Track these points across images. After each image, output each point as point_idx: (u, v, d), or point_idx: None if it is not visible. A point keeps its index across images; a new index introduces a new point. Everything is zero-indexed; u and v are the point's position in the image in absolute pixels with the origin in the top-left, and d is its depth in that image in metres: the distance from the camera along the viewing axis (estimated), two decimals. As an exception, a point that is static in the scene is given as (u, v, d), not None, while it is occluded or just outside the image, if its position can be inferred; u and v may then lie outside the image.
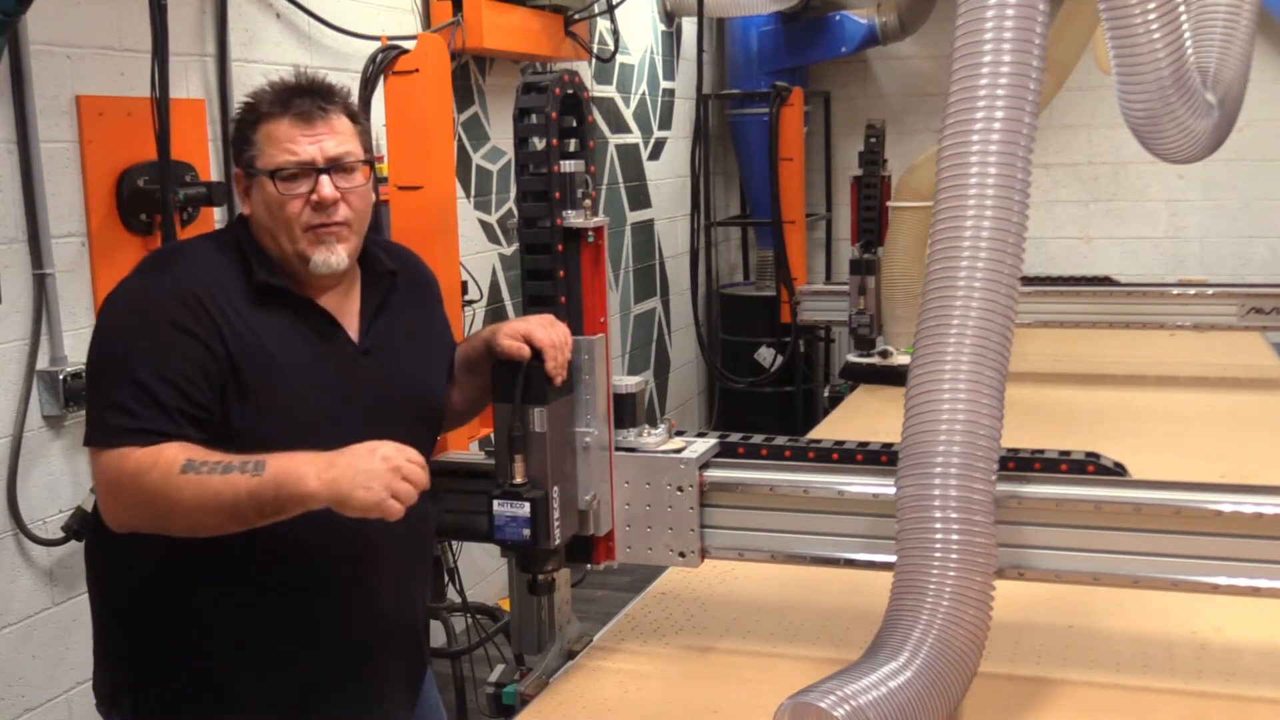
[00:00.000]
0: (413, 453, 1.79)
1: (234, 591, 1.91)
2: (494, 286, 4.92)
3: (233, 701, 1.96)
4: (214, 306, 1.86)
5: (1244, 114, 2.62)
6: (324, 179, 1.91)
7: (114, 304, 1.91)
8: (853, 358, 4.77)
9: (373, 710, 2.08)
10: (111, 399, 1.81)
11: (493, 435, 2.10)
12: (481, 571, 4.73)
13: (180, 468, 1.75)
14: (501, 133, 4.88)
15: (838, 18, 6.85)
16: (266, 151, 1.91)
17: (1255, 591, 1.99)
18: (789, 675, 2.03)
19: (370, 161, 2.00)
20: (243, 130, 1.95)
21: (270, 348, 1.89)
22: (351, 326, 2.02)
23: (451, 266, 3.72)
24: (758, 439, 2.40)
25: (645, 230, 6.39)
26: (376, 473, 1.74)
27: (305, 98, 1.93)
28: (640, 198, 6.32)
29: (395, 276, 2.09)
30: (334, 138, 1.93)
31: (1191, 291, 4.85)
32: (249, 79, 3.53)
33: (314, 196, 1.90)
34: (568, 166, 2.08)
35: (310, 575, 1.94)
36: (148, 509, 1.78)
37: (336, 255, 1.94)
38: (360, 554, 1.97)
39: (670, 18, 6.60)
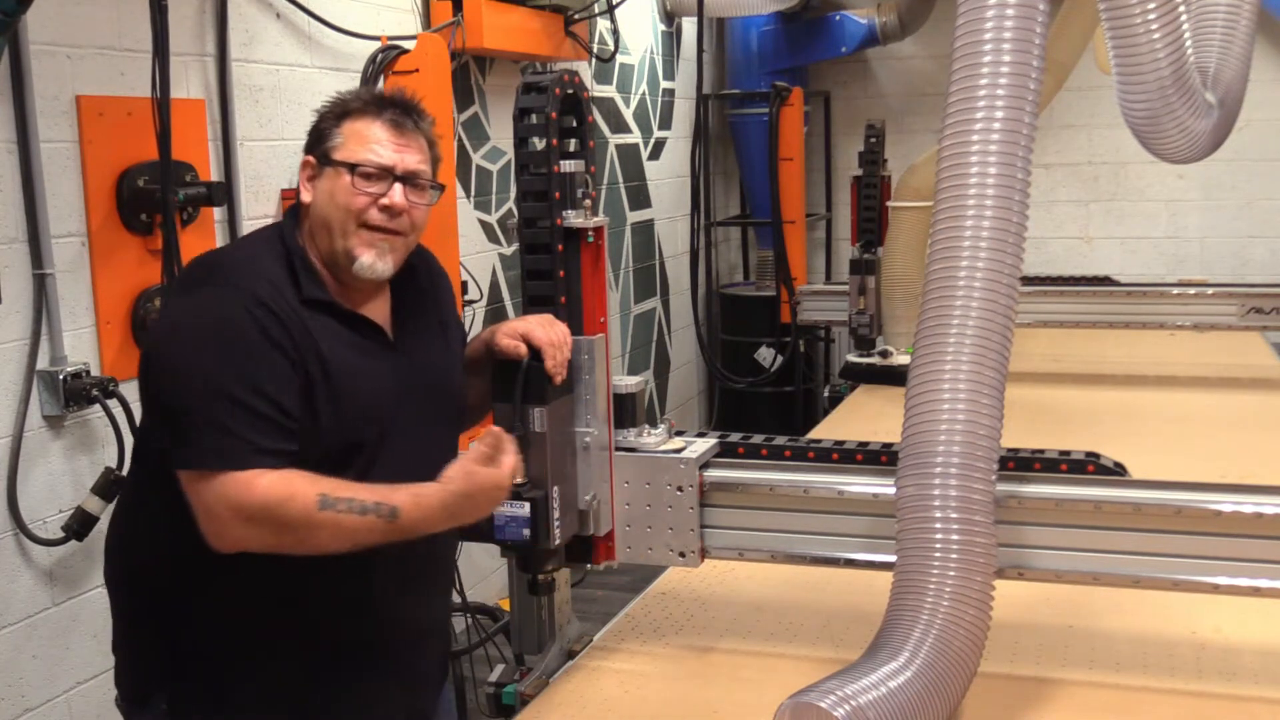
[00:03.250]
0: (508, 470, 1.91)
1: (256, 591, 1.91)
2: (494, 286, 4.92)
3: (252, 699, 1.95)
4: (282, 313, 1.86)
5: (1244, 114, 2.62)
6: (398, 186, 1.94)
7: (186, 319, 1.88)
8: (853, 358, 4.77)
9: (410, 709, 2.10)
10: (213, 419, 1.79)
11: (493, 435, 2.10)
12: (481, 571, 4.73)
13: (317, 503, 1.78)
14: (501, 133, 4.88)
15: (838, 18, 6.85)
16: (350, 145, 1.94)
17: (1255, 591, 1.99)
18: (789, 675, 2.03)
19: (440, 188, 2.02)
20: (326, 121, 1.97)
21: (327, 351, 1.90)
22: (385, 325, 2.03)
23: (451, 266, 3.73)
24: (758, 439, 2.40)
25: (645, 230, 6.39)
26: (491, 504, 1.92)
27: (400, 110, 1.97)
28: (640, 198, 6.32)
29: (416, 273, 2.10)
30: (418, 154, 1.97)
31: (1191, 291, 4.85)
32: (249, 79, 3.53)
33: (384, 200, 1.93)
34: (568, 166, 2.08)
35: (361, 570, 1.94)
36: (279, 537, 1.80)
37: (384, 263, 1.95)
38: (403, 558, 1.97)
39: (670, 18, 6.60)
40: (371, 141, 1.93)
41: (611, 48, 5.64)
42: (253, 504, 1.77)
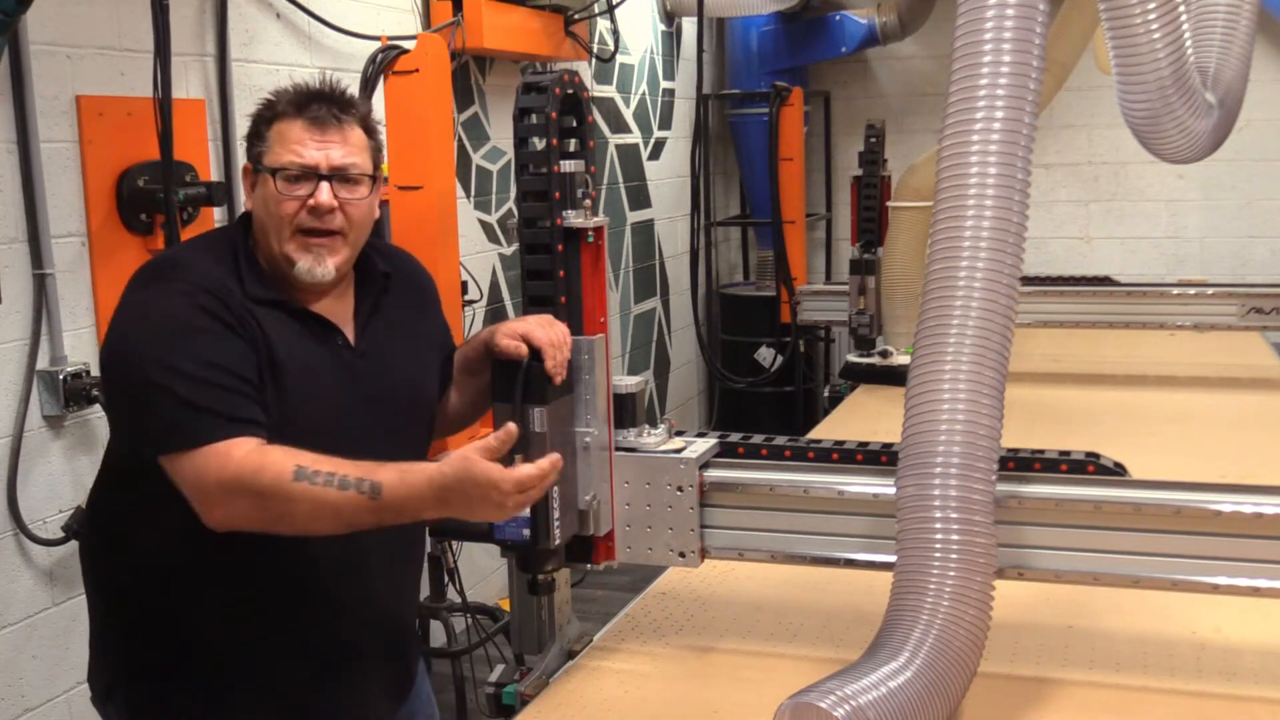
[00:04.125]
0: (514, 476, 1.78)
1: (230, 590, 1.91)
2: (494, 286, 4.92)
3: (225, 699, 1.96)
4: (231, 302, 1.86)
5: (1244, 114, 2.62)
6: (324, 185, 1.91)
7: (135, 317, 1.88)
8: (853, 358, 4.76)
9: (365, 706, 2.09)
10: (178, 400, 1.77)
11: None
12: (481, 571, 4.73)
13: (292, 474, 1.74)
14: (501, 133, 4.88)
15: (838, 18, 6.85)
16: (274, 149, 1.92)
17: (1255, 591, 1.99)
18: (789, 675, 2.03)
19: (376, 177, 1.99)
20: (258, 125, 1.96)
21: (276, 342, 1.89)
22: (347, 329, 2.02)
23: (451, 266, 3.73)
24: (758, 439, 2.40)
25: (645, 230, 6.39)
26: (485, 503, 1.78)
27: (323, 104, 1.94)
28: (640, 198, 6.32)
29: (389, 279, 2.09)
30: (343, 147, 1.93)
31: (1191, 291, 4.85)
32: (249, 79, 3.53)
33: (311, 201, 1.90)
34: (568, 166, 2.08)
35: (305, 574, 1.94)
36: (263, 510, 1.76)
37: (323, 266, 1.93)
38: (354, 553, 1.97)
39: (670, 18, 6.60)
40: (292, 142, 1.91)
41: (611, 48, 5.64)
42: (228, 476, 1.75)
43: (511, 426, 1.82)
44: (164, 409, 1.80)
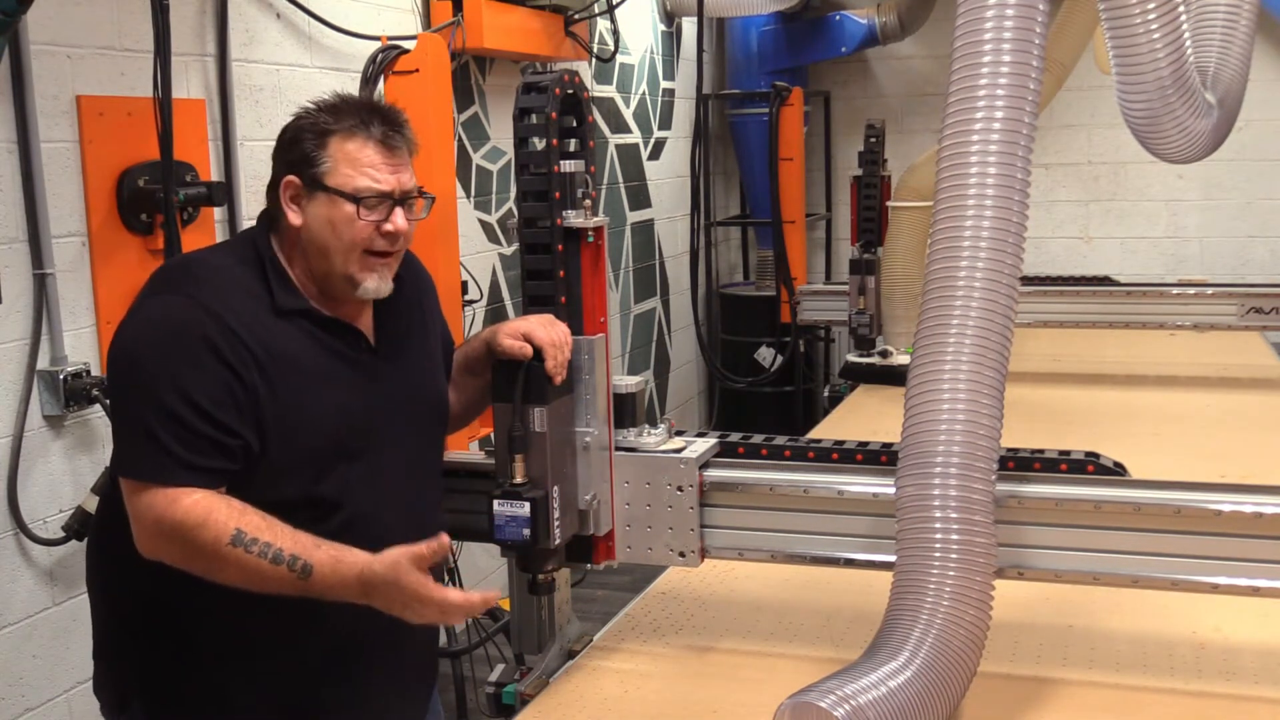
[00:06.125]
0: (439, 599, 1.82)
1: (242, 591, 1.91)
2: (494, 286, 4.92)
3: (239, 699, 1.95)
4: (241, 326, 1.84)
5: (1244, 114, 2.63)
6: (399, 210, 1.92)
7: (139, 323, 1.88)
8: (853, 358, 4.77)
9: (387, 707, 2.09)
10: (146, 429, 1.79)
11: (493, 435, 2.10)
12: (481, 571, 4.73)
13: (230, 538, 1.76)
14: (501, 133, 4.88)
15: (838, 18, 6.85)
16: (343, 171, 1.88)
17: (1255, 591, 1.99)
18: (789, 675, 2.03)
19: (429, 196, 2.01)
20: (306, 139, 1.91)
21: (299, 359, 1.89)
22: (369, 332, 2.02)
23: (451, 266, 3.73)
24: (758, 439, 2.40)
25: (645, 230, 6.39)
26: (405, 610, 1.82)
27: (384, 123, 1.92)
28: (640, 198, 6.32)
29: (403, 281, 2.10)
30: (408, 170, 1.95)
31: (1191, 291, 4.85)
32: (249, 79, 3.53)
33: (387, 226, 1.91)
34: (568, 166, 2.08)
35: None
36: (190, 561, 1.80)
37: (386, 283, 1.96)
38: (371, 550, 1.97)
39: (670, 18, 6.60)
40: (365, 165, 1.89)
41: (611, 48, 5.64)
42: (169, 521, 1.78)
43: (445, 539, 1.84)
44: (131, 432, 1.82)
